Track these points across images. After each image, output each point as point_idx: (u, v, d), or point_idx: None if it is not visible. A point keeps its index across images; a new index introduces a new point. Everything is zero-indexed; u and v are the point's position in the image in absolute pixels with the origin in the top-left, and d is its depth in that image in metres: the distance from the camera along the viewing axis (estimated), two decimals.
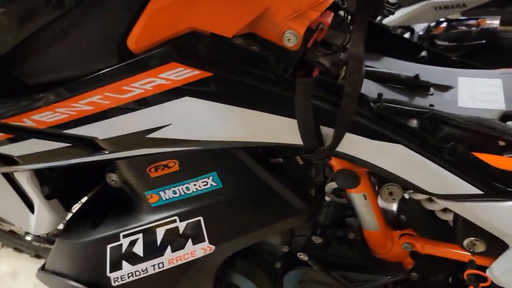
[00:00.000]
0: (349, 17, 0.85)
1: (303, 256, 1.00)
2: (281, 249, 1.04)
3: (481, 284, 0.82)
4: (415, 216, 0.97)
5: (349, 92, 0.72)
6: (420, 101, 0.82)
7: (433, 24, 1.96)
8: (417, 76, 0.84)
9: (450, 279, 1.00)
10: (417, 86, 0.84)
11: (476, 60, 1.80)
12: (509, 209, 0.71)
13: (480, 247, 0.81)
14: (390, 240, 1.00)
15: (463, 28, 1.89)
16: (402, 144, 0.73)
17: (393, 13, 0.87)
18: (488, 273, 0.82)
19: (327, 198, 1.01)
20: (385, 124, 0.73)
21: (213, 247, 0.88)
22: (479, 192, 0.72)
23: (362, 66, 0.74)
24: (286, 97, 0.72)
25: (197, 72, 0.70)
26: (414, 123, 0.76)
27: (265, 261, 1.07)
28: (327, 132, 0.74)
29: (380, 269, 1.00)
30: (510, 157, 0.74)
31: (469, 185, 0.72)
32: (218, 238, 0.87)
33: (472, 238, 0.81)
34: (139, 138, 0.75)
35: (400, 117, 0.78)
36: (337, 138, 0.73)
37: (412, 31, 2.02)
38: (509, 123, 0.76)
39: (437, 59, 0.95)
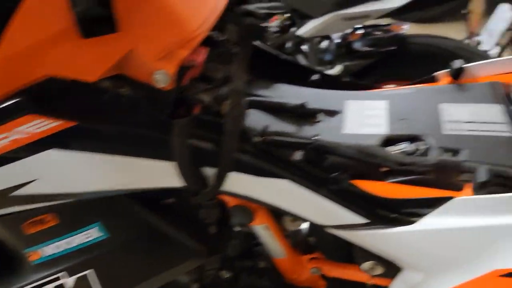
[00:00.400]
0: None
1: None
2: (191, 287, 1.00)
3: None
4: (322, 239, 0.96)
5: (229, 129, 0.69)
6: (307, 130, 0.81)
7: (349, 31, 2.00)
8: (303, 105, 0.83)
9: None
10: (305, 114, 0.83)
11: (389, 66, 1.87)
12: (393, 236, 0.71)
13: (378, 270, 0.81)
14: (300, 265, 0.99)
15: (378, 34, 1.94)
16: (287, 179, 0.71)
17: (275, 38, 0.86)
18: None
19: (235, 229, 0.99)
20: (269, 159, 0.71)
21: None
22: (364, 221, 0.72)
23: (242, 101, 0.72)
24: (162, 140, 0.68)
25: (59, 122, 0.65)
26: (298, 155, 0.75)
27: None
28: (211, 172, 0.71)
29: None
30: (392, 182, 0.75)
31: (354, 215, 0.72)
32: None
33: (370, 262, 0.81)
34: (3, 197, 0.68)
35: (286, 149, 0.77)
36: (220, 179, 0.70)
37: (330, 39, 2.05)
38: (389, 148, 0.76)
39: (329, 81, 0.95)
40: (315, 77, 0.94)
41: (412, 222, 0.70)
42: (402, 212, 0.71)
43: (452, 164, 0.69)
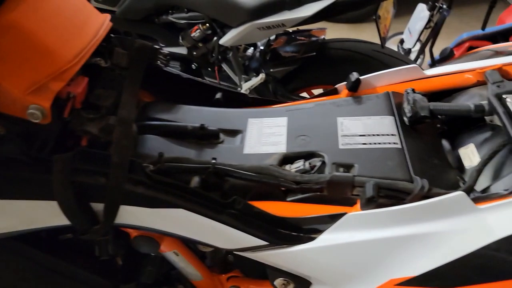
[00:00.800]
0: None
1: None
2: None
3: None
4: (239, 257, 0.95)
5: (117, 161, 0.66)
6: (207, 153, 0.79)
7: (273, 37, 2.02)
8: (203, 126, 0.81)
9: None
10: (205, 136, 0.82)
11: (311, 72, 1.90)
12: (296, 254, 0.71)
13: (290, 285, 0.82)
14: (220, 285, 0.97)
15: (301, 39, 1.97)
16: (183, 208, 0.69)
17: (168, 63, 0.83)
18: None
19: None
20: (163, 189, 0.69)
21: None
22: (264, 243, 0.71)
23: (131, 130, 0.69)
24: (43, 178, 0.64)
25: None
26: (196, 181, 0.73)
27: None
28: (100, 207, 0.68)
29: None
30: (292, 201, 0.75)
31: (254, 238, 0.71)
32: None
33: (281, 279, 0.81)
34: None
35: (184, 175, 0.75)
36: (109, 215, 0.67)
37: (255, 46, 2.05)
38: (287, 166, 0.76)
39: (233, 98, 0.94)
40: (218, 95, 0.92)
41: (311, 239, 0.70)
42: (301, 230, 0.71)
43: (344, 180, 0.70)
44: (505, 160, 0.73)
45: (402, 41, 2.79)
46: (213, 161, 0.74)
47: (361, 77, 0.90)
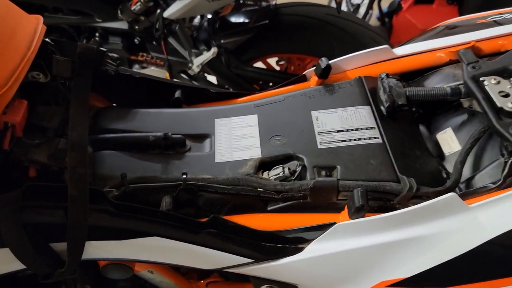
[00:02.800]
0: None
1: None
2: None
3: None
4: None
5: (74, 194, 0.57)
6: (175, 166, 0.71)
7: None
8: (166, 136, 0.72)
9: None
10: (170, 146, 0.73)
11: (266, 41, 1.81)
12: (283, 266, 0.67)
13: None
14: None
15: (250, 5, 1.85)
16: (156, 235, 0.62)
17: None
18: None
19: None
20: (132, 216, 0.61)
21: None
22: (247, 260, 0.66)
23: (86, 155, 0.59)
24: None
25: None
26: (167, 201, 0.66)
27: None
28: (63, 247, 0.59)
29: None
30: (274, 210, 0.70)
31: (236, 256, 0.66)
32: None
33: (265, 286, 0.77)
34: None
35: (153, 195, 0.67)
36: (75, 255, 0.59)
37: (202, 15, 1.91)
38: (265, 174, 0.71)
39: (194, 94, 0.85)
40: (177, 93, 0.83)
41: (299, 250, 0.66)
42: (288, 242, 0.67)
43: (328, 186, 0.66)
44: (487, 147, 0.71)
45: None
46: (184, 176, 0.67)
47: (330, 62, 0.84)
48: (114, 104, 0.87)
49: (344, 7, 2.72)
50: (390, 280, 0.66)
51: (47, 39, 0.66)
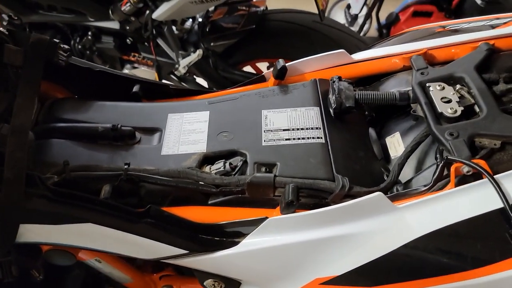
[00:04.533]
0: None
1: None
2: None
3: None
4: None
5: (10, 177, 0.59)
6: (121, 156, 0.73)
7: (212, 8, 1.92)
8: (114, 127, 0.74)
9: None
10: (119, 137, 0.75)
11: (252, 45, 1.83)
12: (219, 259, 0.68)
13: (220, 285, 0.79)
14: (152, 284, 0.94)
15: (241, 10, 1.88)
16: (92, 222, 0.64)
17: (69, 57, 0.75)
18: None
19: None
20: (68, 202, 0.63)
21: None
22: (184, 251, 0.68)
23: (26, 141, 0.61)
24: None
25: None
26: (107, 190, 0.67)
27: None
28: None
29: None
30: (213, 204, 0.71)
31: (172, 247, 0.67)
32: None
33: (210, 280, 0.78)
34: None
35: (94, 184, 0.69)
36: (8, 236, 0.61)
37: (193, 18, 1.95)
38: (207, 168, 0.72)
39: (153, 90, 0.87)
40: (135, 88, 0.85)
41: (234, 244, 0.67)
42: (224, 235, 0.68)
43: (265, 182, 0.67)
44: (427, 150, 0.72)
45: (348, 6, 2.75)
46: (126, 166, 0.69)
47: (288, 64, 0.85)
48: (76, 96, 0.89)
49: (342, 19, 2.75)
50: (323, 278, 0.66)
51: (0, 29, 0.68)
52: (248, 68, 1.99)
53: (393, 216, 0.61)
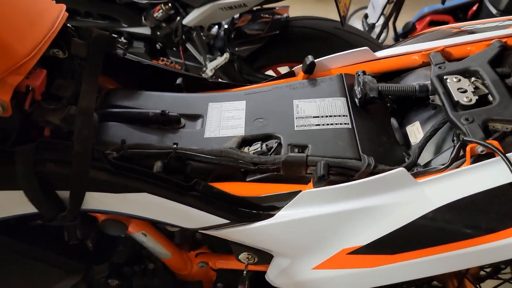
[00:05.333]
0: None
1: None
2: None
3: None
4: (207, 234, 1.00)
5: (79, 150, 0.68)
6: (169, 138, 0.82)
7: (237, 16, 2.02)
8: (163, 112, 0.84)
9: None
10: (167, 121, 0.85)
11: (275, 50, 1.93)
12: (256, 230, 0.76)
13: (254, 259, 0.87)
14: (189, 261, 1.02)
15: (265, 18, 1.98)
16: (146, 192, 0.73)
17: (127, 49, 0.85)
18: (266, 278, 0.89)
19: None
20: (126, 174, 0.72)
21: None
22: (226, 221, 0.76)
23: (91, 120, 0.71)
24: (7, 169, 0.66)
25: None
26: (158, 165, 0.77)
27: None
28: (66, 195, 0.71)
29: None
30: (251, 181, 0.79)
31: (215, 217, 0.75)
32: None
33: (245, 253, 0.86)
34: None
35: (146, 161, 0.78)
36: (75, 202, 0.70)
37: (219, 25, 2.05)
38: (245, 149, 0.81)
39: (193, 83, 0.97)
40: (179, 80, 0.95)
41: (270, 216, 0.75)
42: (261, 208, 0.76)
43: (298, 160, 0.75)
44: (445, 136, 0.79)
45: (366, 16, 2.84)
46: (174, 146, 0.78)
47: (316, 60, 0.94)
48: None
49: (359, 28, 2.83)
50: (349, 248, 0.74)
51: (68, 25, 0.78)
52: (270, 72, 2.09)
53: (414, 190, 0.69)
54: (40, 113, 0.73)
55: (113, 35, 0.82)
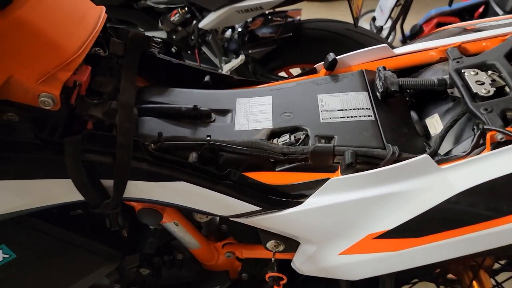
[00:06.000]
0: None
1: None
2: None
3: (281, 282, 0.93)
4: (233, 226, 1.04)
5: (121, 142, 0.73)
6: (201, 131, 0.87)
7: (250, 19, 2.08)
8: (195, 107, 0.89)
9: None
10: (198, 116, 0.89)
11: (289, 51, 1.98)
12: (285, 217, 0.81)
13: (281, 246, 0.91)
14: (216, 252, 1.07)
15: (277, 21, 2.03)
16: (184, 181, 0.77)
17: (160, 48, 0.90)
18: (292, 266, 0.93)
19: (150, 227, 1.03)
20: (165, 164, 0.77)
21: None
22: (257, 208, 0.80)
23: (132, 113, 0.76)
24: (57, 159, 0.71)
25: None
26: (194, 156, 0.81)
27: None
28: (110, 183, 0.75)
29: (210, 281, 1.07)
30: (280, 171, 0.84)
31: (248, 204, 0.80)
32: None
33: (272, 241, 0.90)
34: None
35: (181, 152, 0.83)
36: (119, 190, 0.75)
37: (233, 28, 2.11)
38: (274, 140, 0.85)
39: (220, 80, 1.02)
40: (206, 78, 1.00)
41: (299, 203, 0.80)
42: (290, 196, 0.81)
43: (326, 150, 0.80)
44: (464, 127, 0.84)
45: (374, 19, 2.89)
46: (208, 138, 0.83)
47: (337, 57, 0.99)
48: None
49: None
50: (375, 233, 0.78)
51: (107, 25, 0.84)
52: (282, 74, 2.14)
53: (437, 175, 0.73)
54: (83, 107, 0.78)
55: (148, 35, 0.87)
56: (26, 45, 0.67)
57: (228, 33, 2.09)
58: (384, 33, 2.88)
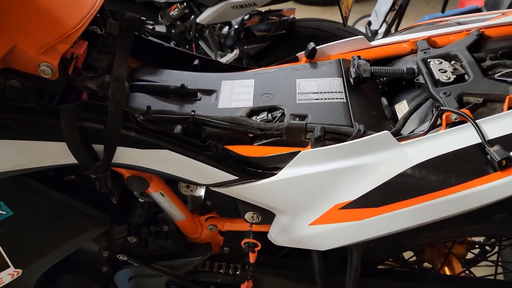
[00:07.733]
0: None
1: (122, 257, 1.09)
2: (102, 254, 1.11)
3: (256, 249, 1.00)
4: (216, 201, 1.11)
5: (113, 111, 0.81)
6: (187, 107, 0.95)
7: (247, 17, 2.16)
8: (183, 86, 0.97)
9: None
10: (185, 94, 0.97)
11: (281, 48, 2.06)
12: (260, 187, 0.88)
13: (258, 218, 0.98)
14: (199, 225, 1.14)
15: (272, 19, 2.12)
16: (168, 149, 0.85)
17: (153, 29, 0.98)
18: (268, 237, 1.01)
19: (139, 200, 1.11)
20: (151, 134, 0.84)
21: (20, 271, 0.92)
22: (235, 178, 0.88)
23: (124, 87, 0.83)
24: (54, 124, 0.79)
25: None
26: (179, 128, 0.89)
27: (90, 269, 1.13)
28: (100, 148, 0.83)
29: (193, 252, 1.14)
30: (257, 145, 0.91)
31: (226, 174, 0.87)
32: (23, 262, 0.91)
33: (250, 212, 0.97)
34: None
35: (168, 125, 0.90)
36: (108, 153, 0.82)
37: (230, 25, 2.20)
38: (253, 117, 0.93)
39: (208, 64, 1.10)
40: (196, 62, 1.08)
41: (273, 175, 0.87)
42: (265, 168, 0.88)
43: (299, 126, 0.87)
44: (428, 111, 0.91)
45: (369, 23, 2.97)
46: (192, 112, 0.90)
47: (317, 47, 1.07)
48: None
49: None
50: (341, 203, 0.85)
51: (105, 8, 0.92)
52: None
53: (396, 150, 0.80)
54: (79, 79, 0.86)
55: (142, 18, 0.95)
56: (30, 18, 0.75)
57: (225, 29, 2.17)
58: (379, 37, 2.97)
